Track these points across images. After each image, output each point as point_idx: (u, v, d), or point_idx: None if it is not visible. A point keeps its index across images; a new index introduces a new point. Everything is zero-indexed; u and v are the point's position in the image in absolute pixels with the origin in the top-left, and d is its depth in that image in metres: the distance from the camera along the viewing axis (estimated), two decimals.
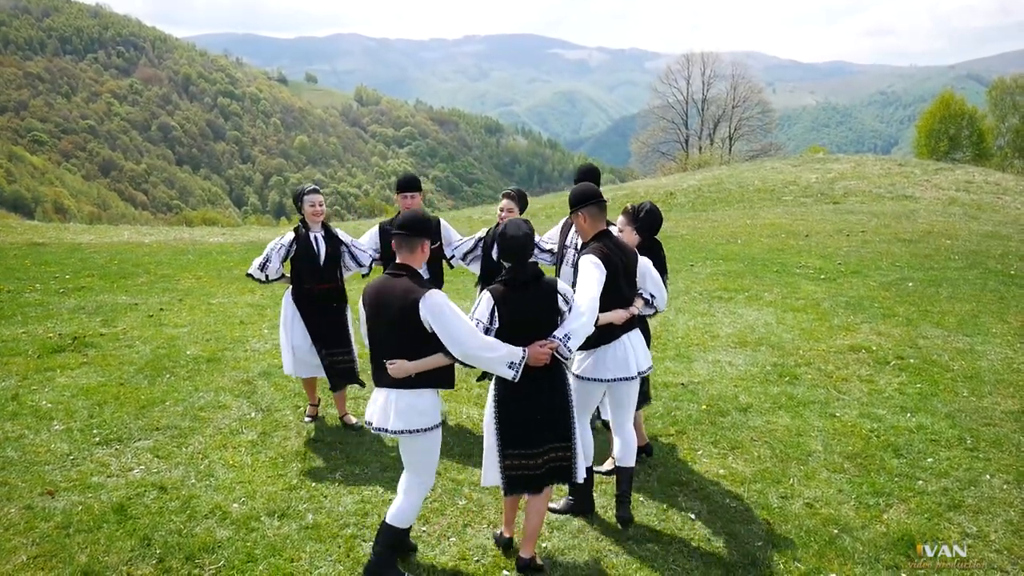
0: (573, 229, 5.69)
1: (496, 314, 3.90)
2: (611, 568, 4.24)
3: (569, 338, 3.92)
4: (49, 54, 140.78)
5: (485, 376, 6.37)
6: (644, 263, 4.66)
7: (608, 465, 5.25)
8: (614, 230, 4.85)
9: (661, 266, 5.11)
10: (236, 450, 5.68)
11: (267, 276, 5.81)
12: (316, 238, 5.84)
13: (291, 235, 5.85)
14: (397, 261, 3.94)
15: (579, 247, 5.24)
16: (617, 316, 4.42)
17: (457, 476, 5.30)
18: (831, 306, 9.76)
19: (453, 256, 6.29)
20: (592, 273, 4.21)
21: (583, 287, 4.14)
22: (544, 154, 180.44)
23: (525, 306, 3.92)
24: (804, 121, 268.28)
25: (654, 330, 8.78)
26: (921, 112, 54.36)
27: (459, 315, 3.75)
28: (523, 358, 3.81)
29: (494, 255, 6.04)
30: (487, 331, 3.88)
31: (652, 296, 4.69)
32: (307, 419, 6.25)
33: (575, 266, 4.78)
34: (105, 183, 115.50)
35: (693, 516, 4.79)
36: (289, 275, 5.97)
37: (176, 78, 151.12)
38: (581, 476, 4.17)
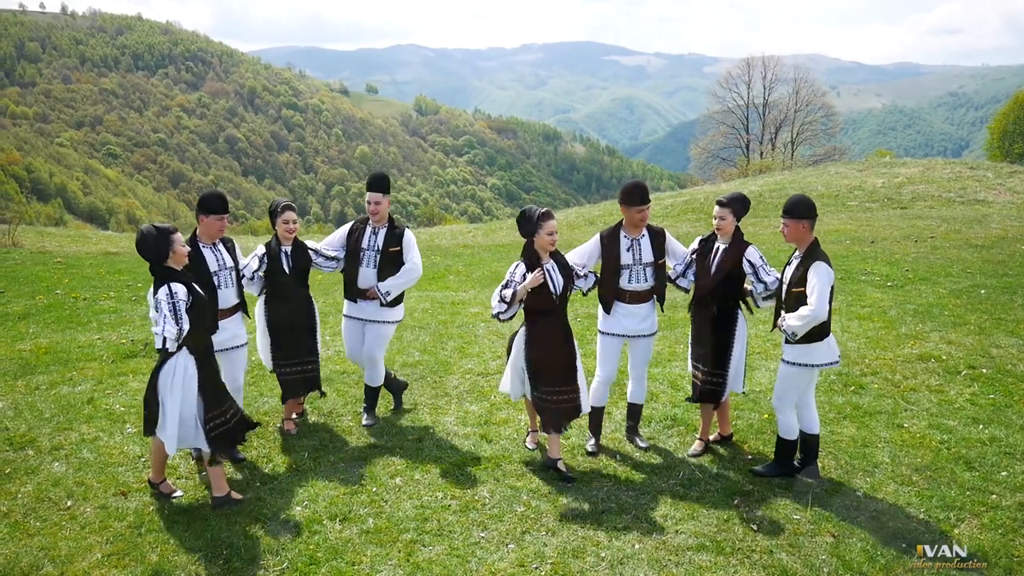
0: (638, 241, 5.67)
1: None
2: None
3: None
4: (123, 70, 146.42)
5: None
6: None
7: (697, 447, 5.80)
8: (715, 222, 5.63)
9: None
10: (299, 454, 5.80)
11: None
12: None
13: (261, 249, 6.02)
14: None
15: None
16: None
17: (515, 483, 5.32)
18: (898, 314, 9.49)
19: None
20: (829, 280, 4.92)
21: (822, 291, 4.84)
22: (602, 161, 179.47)
23: None
24: (870, 124, 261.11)
25: None
26: (994, 113, 52.35)
27: None
28: None
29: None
30: None
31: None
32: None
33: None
34: (175, 194, 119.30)
35: (755, 527, 4.71)
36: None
37: (242, 91, 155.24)
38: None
